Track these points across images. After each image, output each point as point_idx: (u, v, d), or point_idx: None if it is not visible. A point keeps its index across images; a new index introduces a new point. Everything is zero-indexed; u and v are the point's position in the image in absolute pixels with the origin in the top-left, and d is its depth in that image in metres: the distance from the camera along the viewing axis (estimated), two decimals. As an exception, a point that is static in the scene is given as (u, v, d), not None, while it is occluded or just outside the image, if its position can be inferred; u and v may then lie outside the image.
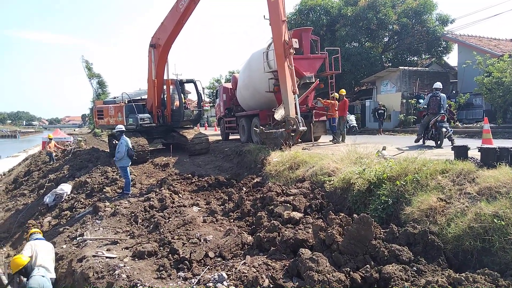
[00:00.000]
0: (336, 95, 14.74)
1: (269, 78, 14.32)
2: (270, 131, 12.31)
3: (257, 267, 5.47)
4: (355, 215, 5.70)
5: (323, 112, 14.71)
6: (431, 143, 11.67)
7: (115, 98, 19.93)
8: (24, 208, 14.20)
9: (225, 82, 40.19)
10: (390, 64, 29.72)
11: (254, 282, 5.07)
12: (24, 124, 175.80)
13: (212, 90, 54.57)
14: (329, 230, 5.62)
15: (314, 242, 5.76)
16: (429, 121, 11.48)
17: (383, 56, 30.41)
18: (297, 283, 4.84)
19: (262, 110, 15.06)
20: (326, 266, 4.90)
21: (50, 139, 22.81)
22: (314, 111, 14.46)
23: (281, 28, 11.43)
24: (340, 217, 6.01)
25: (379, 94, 26.32)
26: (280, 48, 11.56)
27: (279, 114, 12.63)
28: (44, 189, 15.33)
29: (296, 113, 11.72)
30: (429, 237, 5.05)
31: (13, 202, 16.57)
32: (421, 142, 11.97)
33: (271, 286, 4.94)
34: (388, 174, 6.76)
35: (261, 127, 12.80)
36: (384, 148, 9.42)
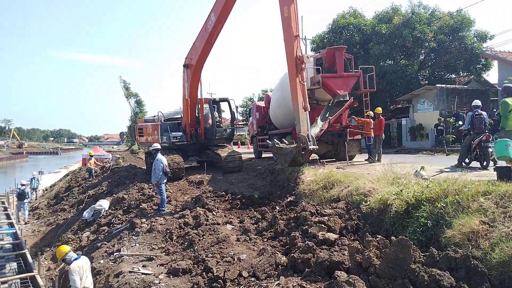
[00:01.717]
0: (371, 113, 14.54)
1: (302, 97, 14.35)
2: (281, 146, 12.14)
3: (291, 289, 5.40)
4: (393, 238, 5.54)
5: (357, 130, 14.53)
6: (474, 164, 11.19)
7: (154, 116, 20.55)
8: (64, 223, 14.72)
9: (258, 101, 40.57)
10: (427, 82, 29.06)
11: (288, 303, 5.00)
12: (66, 141, 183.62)
13: (245, 109, 55.23)
14: (366, 252, 5.49)
15: (350, 264, 5.63)
16: (472, 141, 11.03)
17: (419, 74, 29.82)
18: (333, 307, 4.74)
19: (295, 128, 15.02)
20: (363, 289, 4.77)
21: (91, 156, 23.71)
22: (348, 129, 14.31)
23: (294, 44, 11.26)
24: (377, 239, 5.85)
25: (415, 113, 25.73)
26: (292, 64, 11.47)
27: (312, 133, 12.57)
28: (84, 204, 15.88)
29: (308, 131, 11.35)
30: (472, 262, 4.83)
31: (54, 216, 17.25)
32: (464, 164, 11.41)
33: (306, 308, 4.86)
34: (427, 195, 6.56)
35: (274, 141, 12.66)
36: (422, 168, 9.15)
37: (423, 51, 29.25)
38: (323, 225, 7.26)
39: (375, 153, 14.30)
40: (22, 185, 19.05)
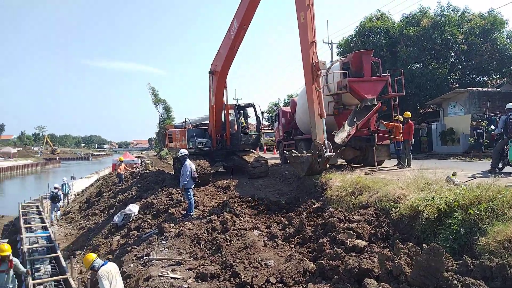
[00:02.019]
0: (400, 117, 14.28)
1: (328, 101, 14.26)
2: (298, 155, 11.98)
3: (320, 296, 5.36)
4: (424, 245, 5.41)
5: (386, 135, 14.29)
6: (508, 169, 10.80)
7: (183, 122, 20.95)
8: (96, 227, 15.10)
9: (283, 106, 40.55)
10: (458, 85, 28.29)
11: (317, 311, 4.96)
12: (96, 147, 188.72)
13: (270, 114, 55.32)
14: (396, 260, 5.39)
15: (379, 272, 5.53)
16: (505, 146, 10.66)
17: (449, 77, 29.07)
18: (362, 315, 4.66)
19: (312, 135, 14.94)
20: (394, 298, 4.68)
21: (121, 161, 24.28)
22: (376, 134, 14.10)
23: (309, 50, 11.10)
24: (408, 246, 5.73)
25: (446, 117, 25.08)
26: (308, 70, 11.28)
27: (339, 137, 12.48)
28: (114, 209, 16.27)
29: (324, 138, 11.06)
30: (509, 272, 4.66)
31: (85, 220, 17.74)
32: (497, 170, 11.01)
33: (335, 316, 4.80)
34: (460, 202, 6.38)
35: (291, 151, 12.54)
36: (454, 174, 8.91)
37: (453, 54, 28.51)
38: (351, 231, 7.17)
39: (405, 158, 14.02)
40: (55, 188, 20.08)
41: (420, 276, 4.96)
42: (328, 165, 11.94)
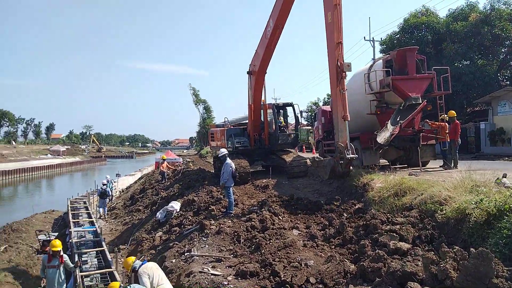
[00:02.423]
0: (446, 116, 13.75)
1: (370, 100, 13.98)
2: (320, 159, 12.16)
3: (361, 298, 5.26)
4: (472, 249, 5.18)
5: (431, 135, 13.80)
6: None
7: (224, 122, 21.30)
8: (139, 223, 15.60)
9: (323, 105, 40.10)
10: (508, 83, 26.85)
11: (358, 313, 4.88)
12: (140, 145, 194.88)
13: (310, 114, 54.87)
14: (441, 263, 5.19)
15: (424, 276, 5.35)
16: None
17: (499, 74, 27.64)
18: (405, 319, 4.54)
19: (363, 133, 14.67)
20: (439, 303, 4.52)
21: (164, 159, 24.94)
22: (421, 134, 13.65)
23: (335, 51, 11.05)
24: (454, 250, 5.51)
25: (495, 116, 23.85)
26: (333, 72, 11.21)
27: (382, 137, 12.19)
28: (157, 205, 16.74)
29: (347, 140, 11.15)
30: None
31: (129, 216, 18.37)
32: None
33: (377, 319, 4.70)
34: (511, 205, 6.06)
35: (314, 157, 12.68)
36: (504, 176, 8.48)
37: (503, 50, 27.13)
38: (394, 234, 6.98)
39: (451, 159, 13.48)
40: (104, 185, 21.15)
41: (467, 281, 4.76)
42: (351, 167, 11.98)
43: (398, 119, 12.62)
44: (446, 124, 13.52)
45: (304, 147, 34.38)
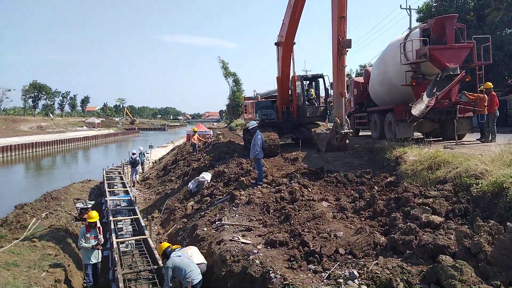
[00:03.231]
0: (483, 88, 13.13)
1: (406, 71, 13.50)
2: (319, 132, 12.76)
3: (390, 269, 5.25)
4: (508, 224, 5.03)
5: (469, 107, 13.25)
6: None
7: (257, 94, 21.21)
8: (171, 192, 16.01)
9: (355, 76, 39.13)
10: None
11: (387, 284, 4.88)
12: (171, 118, 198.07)
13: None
14: (475, 237, 5.08)
15: (456, 249, 5.27)
16: None
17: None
18: (436, 291, 4.50)
19: (398, 105, 14.26)
20: (471, 276, 4.45)
21: (195, 132, 25.28)
22: (458, 106, 13.12)
23: (337, 25, 11.10)
24: (490, 224, 5.36)
25: (540, 87, 22.60)
26: (335, 47, 11.27)
27: (417, 109, 11.83)
28: (188, 176, 17.08)
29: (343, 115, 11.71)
30: None
31: (162, 186, 18.87)
32: None
33: (407, 290, 4.68)
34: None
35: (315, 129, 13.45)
36: (547, 150, 8.07)
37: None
38: (427, 207, 6.85)
39: (489, 132, 12.96)
40: (133, 154, 22.26)
41: (502, 255, 4.65)
42: (347, 141, 12.38)
43: (434, 91, 12.16)
44: (485, 96, 12.92)
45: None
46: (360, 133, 20.61)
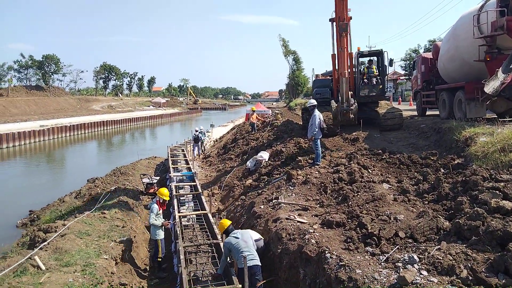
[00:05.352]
0: None
1: (479, 45, 12.48)
2: (332, 106, 14.23)
3: (454, 255, 4.98)
4: None
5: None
6: None
7: (312, 73, 20.95)
8: (231, 170, 16.38)
9: (424, 52, 36.89)
10: None
11: (449, 270, 4.65)
12: (232, 98, 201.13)
13: (408, 62, 50.99)
14: (553, 226, 4.65)
15: (530, 238, 4.86)
16: None
17: None
18: (504, 281, 4.21)
19: (469, 82, 13.29)
20: (546, 268, 4.10)
21: (253, 111, 25.51)
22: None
23: (337, 5, 12.01)
24: None
25: None
26: (336, 27, 11.83)
27: (490, 87, 10.97)
28: (247, 155, 17.34)
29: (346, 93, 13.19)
30: None
31: (222, 164, 19.36)
32: None
33: (470, 278, 4.43)
34: None
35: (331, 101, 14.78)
36: None
37: None
38: (497, 191, 6.37)
39: None
40: (196, 131, 23.81)
41: None
42: (352, 116, 13.77)
43: (511, 67, 11.14)
44: None
45: (400, 98, 32.45)
46: (427, 112, 19.56)
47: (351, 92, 13.73)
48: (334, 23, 15.64)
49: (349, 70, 12.10)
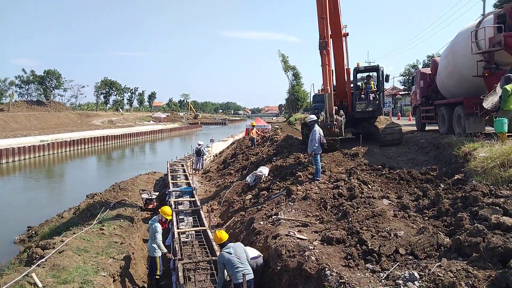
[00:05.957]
0: None
1: (477, 61, 12.59)
2: (321, 119, 13.74)
3: (454, 272, 4.94)
4: None
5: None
6: None
7: (310, 89, 21.02)
8: (230, 185, 16.32)
9: (422, 68, 37.19)
10: None
11: (450, 287, 4.60)
12: (232, 113, 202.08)
13: (407, 77, 51.33)
14: (554, 243, 4.62)
15: (531, 255, 4.83)
16: None
17: None
18: (506, 299, 4.16)
19: (467, 97, 13.36)
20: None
21: (253, 126, 25.56)
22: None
23: (318, 24, 12.18)
24: None
25: None
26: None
27: (488, 102, 11.00)
28: (247, 170, 17.31)
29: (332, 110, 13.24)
30: None
31: (222, 179, 19.29)
32: None
33: (472, 296, 4.39)
34: None
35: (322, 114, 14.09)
36: None
37: None
38: (497, 207, 6.35)
39: None
40: (199, 144, 23.67)
41: None
42: (338, 130, 13.72)
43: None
44: None
45: (399, 113, 32.58)
46: (427, 128, 19.60)
47: (336, 108, 13.78)
48: (332, 39, 15.83)
49: (327, 87, 12.47)
